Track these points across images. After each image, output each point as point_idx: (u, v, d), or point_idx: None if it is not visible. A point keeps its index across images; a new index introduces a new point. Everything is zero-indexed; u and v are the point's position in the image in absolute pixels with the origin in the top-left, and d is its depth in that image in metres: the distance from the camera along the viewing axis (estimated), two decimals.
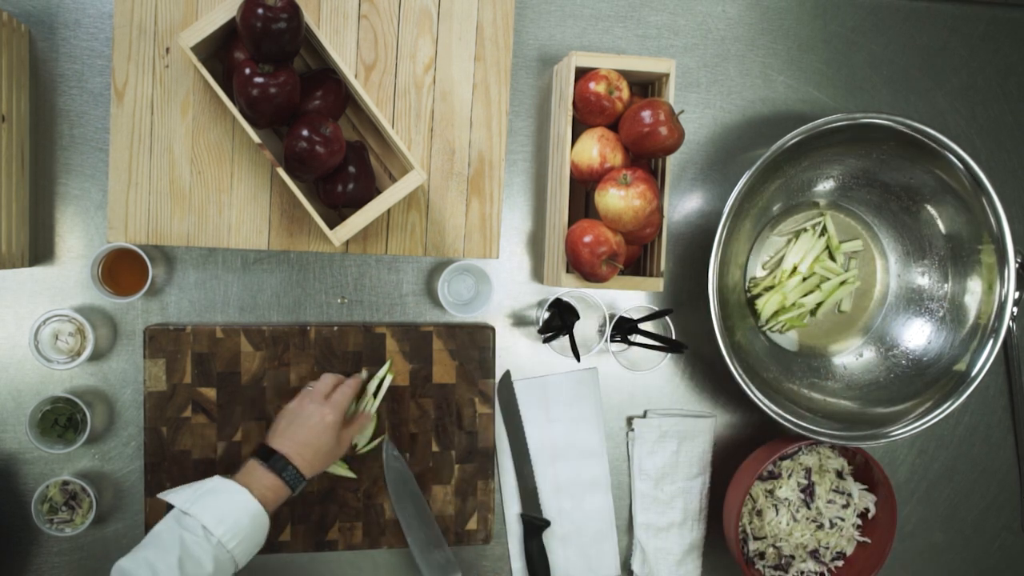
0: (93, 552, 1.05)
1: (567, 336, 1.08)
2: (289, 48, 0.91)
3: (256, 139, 0.95)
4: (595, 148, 1.02)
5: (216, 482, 0.87)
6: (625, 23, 1.14)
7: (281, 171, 0.96)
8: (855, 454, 1.13)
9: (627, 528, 1.15)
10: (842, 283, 1.17)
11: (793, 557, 1.12)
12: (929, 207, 1.13)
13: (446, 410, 1.09)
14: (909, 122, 1.03)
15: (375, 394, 1.04)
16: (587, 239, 1.00)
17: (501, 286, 1.12)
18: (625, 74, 1.04)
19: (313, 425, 0.94)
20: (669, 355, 1.12)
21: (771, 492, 1.12)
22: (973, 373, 1.07)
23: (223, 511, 0.84)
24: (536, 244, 1.13)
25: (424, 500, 1.08)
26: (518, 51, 1.11)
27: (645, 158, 1.06)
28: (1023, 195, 1.23)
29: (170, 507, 0.87)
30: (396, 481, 1.07)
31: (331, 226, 0.98)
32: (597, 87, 1.02)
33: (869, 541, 1.13)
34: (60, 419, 1.01)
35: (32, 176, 1.03)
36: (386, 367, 1.06)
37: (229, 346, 1.04)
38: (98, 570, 1.05)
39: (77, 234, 1.04)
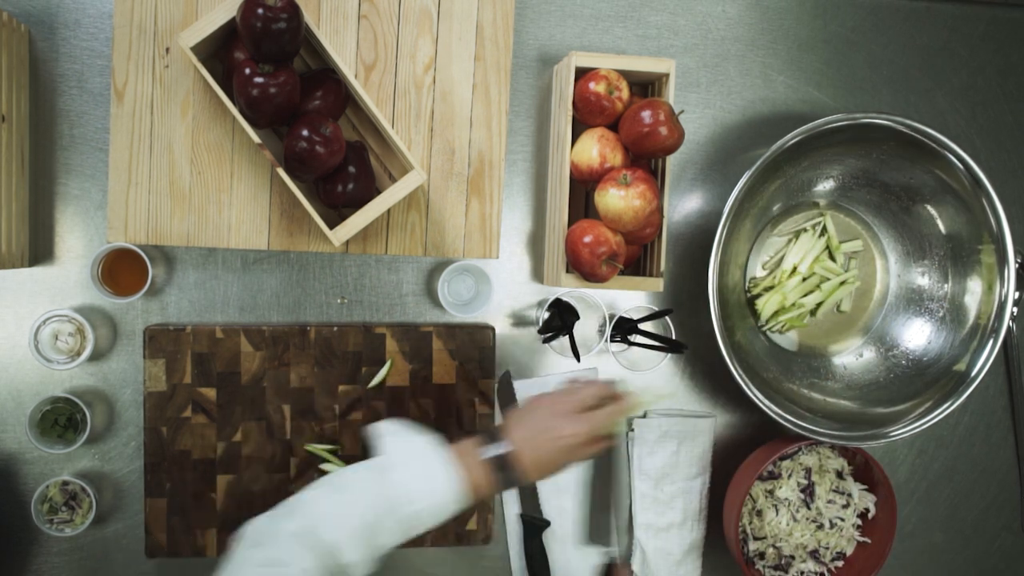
0: (93, 552, 1.05)
1: (567, 336, 1.08)
2: (289, 48, 0.91)
3: (256, 139, 0.95)
4: (595, 148, 1.02)
5: (434, 454, 0.78)
6: (625, 23, 1.14)
7: (281, 171, 0.96)
8: (855, 454, 1.13)
9: (627, 528, 1.15)
10: (842, 283, 1.17)
11: (793, 557, 1.12)
12: (929, 207, 1.13)
13: (446, 410, 1.09)
14: (909, 122, 1.03)
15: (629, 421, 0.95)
16: (587, 239, 1.00)
17: (501, 286, 1.12)
18: (625, 74, 1.04)
19: (556, 437, 0.81)
20: (669, 355, 1.12)
21: (771, 492, 1.12)
22: (973, 373, 1.07)
23: (430, 492, 0.76)
24: (536, 244, 1.13)
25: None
26: (518, 51, 1.11)
27: (645, 158, 1.06)
28: (1023, 195, 1.23)
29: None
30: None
31: (331, 226, 0.98)
32: (597, 87, 1.02)
33: (869, 541, 1.13)
34: (60, 419, 1.01)
35: (32, 176, 1.03)
36: (658, 394, 1.00)
37: (229, 346, 1.04)
38: (98, 570, 1.06)
39: (77, 234, 1.04)
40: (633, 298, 1.14)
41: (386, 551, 0.77)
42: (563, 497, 1.12)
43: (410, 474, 0.77)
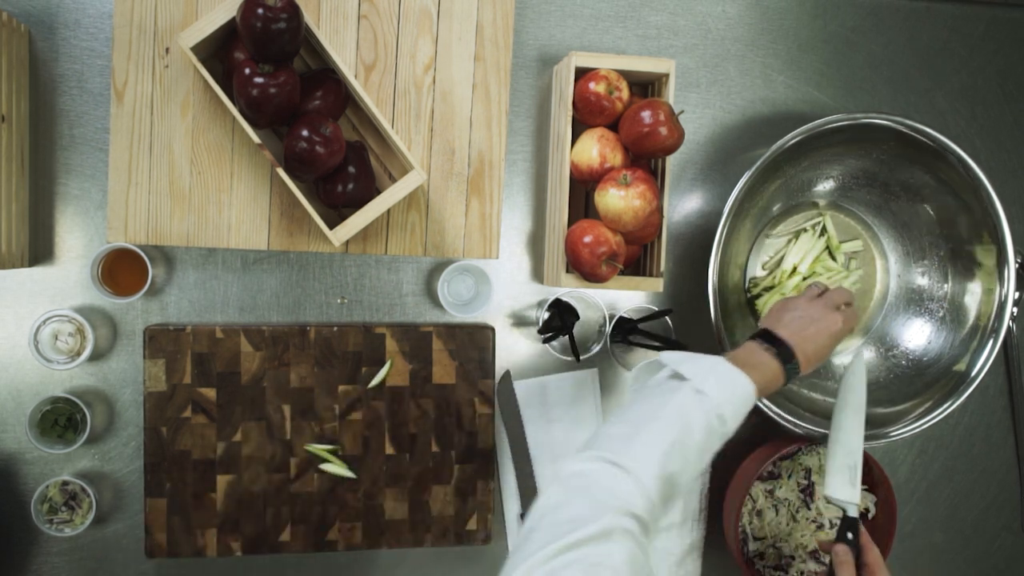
0: (93, 552, 1.05)
1: (567, 336, 1.08)
2: (289, 48, 0.91)
3: (256, 139, 0.95)
4: (595, 148, 1.02)
5: (722, 365, 0.82)
6: (625, 23, 1.14)
7: (281, 171, 0.96)
8: None
9: None
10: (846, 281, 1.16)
11: (793, 557, 1.12)
12: (929, 207, 1.13)
13: (446, 410, 1.09)
14: (909, 122, 1.03)
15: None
16: (587, 239, 1.00)
17: (501, 286, 1.12)
18: (625, 74, 1.04)
19: (824, 328, 0.91)
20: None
21: (771, 492, 1.12)
22: (973, 373, 1.07)
23: (735, 399, 0.80)
24: (536, 244, 1.13)
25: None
26: (518, 51, 1.11)
27: (645, 158, 1.06)
28: (1023, 195, 1.23)
29: None
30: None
31: (331, 226, 0.98)
32: (597, 87, 1.02)
33: None
34: (60, 419, 1.01)
35: (32, 176, 1.03)
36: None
37: (229, 346, 1.04)
38: (98, 570, 1.06)
39: (77, 234, 1.04)
40: (633, 298, 1.14)
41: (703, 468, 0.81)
42: None
43: (724, 394, 0.79)
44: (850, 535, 0.95)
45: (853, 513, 0.96)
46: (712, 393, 0.78)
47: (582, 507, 0.68)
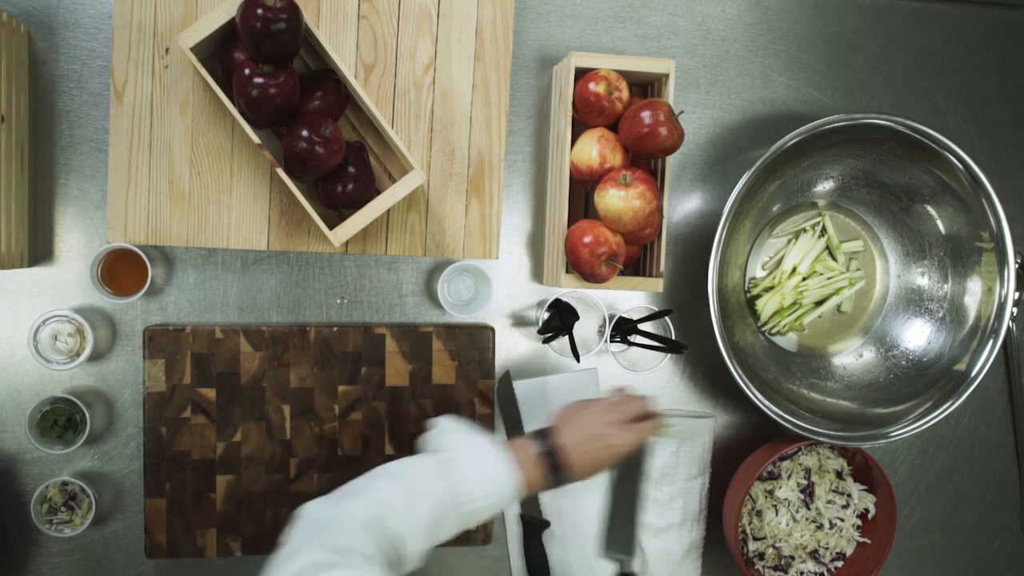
0: (92, 553, 1.05)
1: (567, 336, 1.08)
2: (289, 49, 0.91)
3: (256, 139, 0.95)
4: (595, 148, 1.02)
5: (494, 452, 0.82)
6: (625, 23, 1.14)
7: (280, 171, 0.96)
8: (855, 454, 1.13)
9: None
10: (848, 283, 1.16)
11: (793, 558, 1.12)
12: (929, 207, 1.13)
13: (446, 410, 1.09)
14: (909, 122, 1.03)
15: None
16: (587, 239, 1.00)
17: (501, 286, 1.12)
18: (625, 74, 1.04)
19: (604, 446, 0.87)
20: (669, 355, 1.12)
21: (771, 492, 1.12)
22: (973, 373, 1.07)
23: (492, 490, 0.80)
24: (536, 244, 1.13)
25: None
26: (518, 51, 1.11)
27: (645, 158, 1.06)
28: (1023, 195, 1.23)
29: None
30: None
31: (331, 226, 0.98)
32: (597, 87, 1.02)
33: (869, 541, 1.13)
34: (59, 419, 1.01)
35: (32, 176, 1.03)
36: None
37: (228, 347, 1.04)
38: (97, 570, 1.06)
39: (76, 234, 1.04)
40: (633, 298, 1.14)
41: (440, 543, 0.80)
42: (561, 500, 1.12)
43: (474, 472, 0.80)
44: None
45: (623, 569, 0.93)
46: (465, 479, 0.79)
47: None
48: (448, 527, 0.79)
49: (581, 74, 1.04)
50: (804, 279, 1.15)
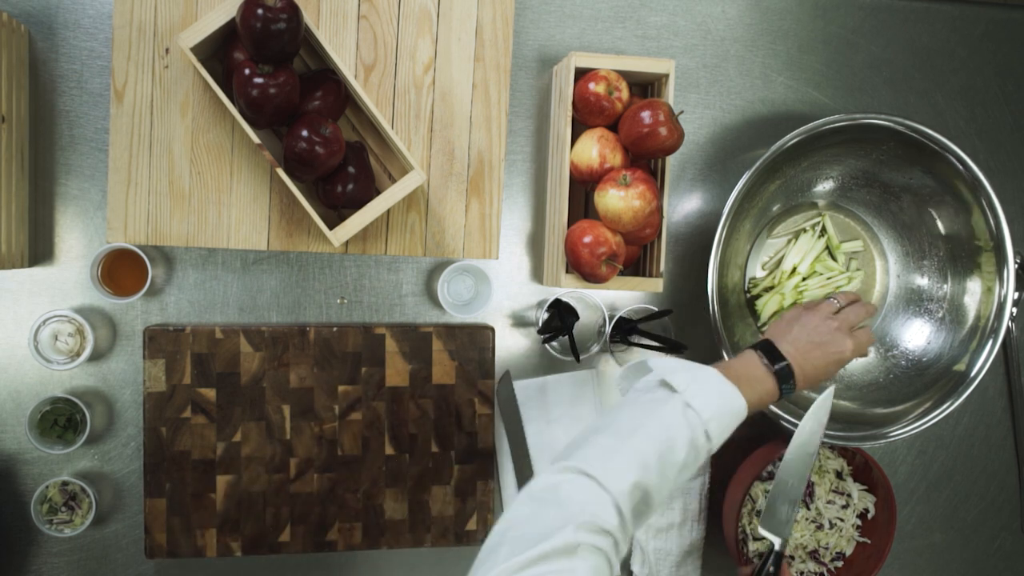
0: (92, 553, 1.05)
1: (567, 336, 1.08)
2: (289, 49, 0.91)
3: (255, 139, 0.95)
4: (595, 148, 1.02)
5: (715, 379, 0.79)
6: (625, 24, 1.14)
7: (280, 171, 0.96)
8: (854, 454, 1.13)
9: None
10: (848, 281, 1.16)
11: (793, 558, 1.12)
12: (929, 207, 1.13)
13: (445, 411, 1.09)
14: (908, 123, 1.03)
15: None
16: (587, 239, 1.00)
17: (501, 287, 1.12)
18: (625, 75, 1.04)
19: (832, 352, 0.87)
20: (669, 355, 1.12)
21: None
22: (973, 373, 1.07)
23: (724, 415, 0.77)
24: (536, 244, 1.13)
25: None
26: (518, 52, 1.11)
27: (645, 158, 1.06)
28: (1023, 195, 1.23)
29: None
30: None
31: (331, 226, 0.98)
32: (597, 87, 1.02)
33: (868, 541, 1.13)
34: (60, 420, 1.01)
35: (32, 176, 1.03)
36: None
37: (228, 347, 1.04)
38: (97, 571, 1.06)
39: (77, 234, 1.04)
40: (633, 298, 1.14)
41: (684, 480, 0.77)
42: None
43: (705, 402, 0.77)
44: (772, 569, 0.92)
45: (779, 548, 0.92)
46: (701, 409, 0.76)
47: (550, 521, 0.66)
48: (692, 467, 0.76)
49: (581, 74, 1.04)
50: (804, 279, 1.15)
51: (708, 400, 0.77)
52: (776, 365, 0.84)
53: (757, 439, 1.17)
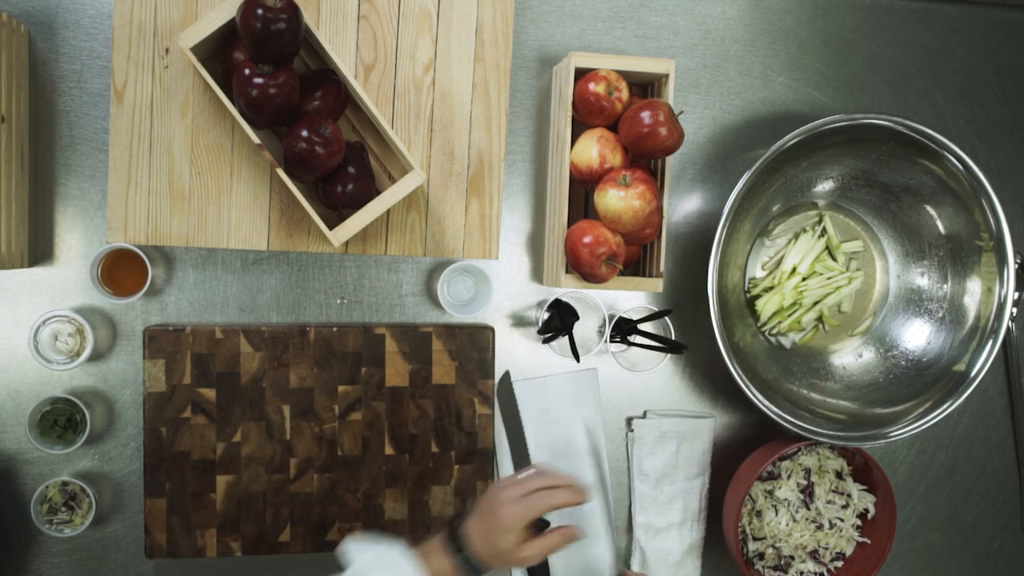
0: (92, 553, 1.05)
1: (567, 337, 1.08)
2: (289, 49, 0.91)
3: (255, 140, 0.95)
4: (594, 149, 1.02)
5: (389, 554, 0.83)
6: (624, 24, 1.14)
7: (280, 172, 0.96)
8: (854, 455, 1.13)
9: (626, 529, 1.15)
10: (848, 281, 1.16)
11: (792, 558, 1.12)
12: (929, 207, 1.13)
13: (445, 411, 1.09)
14: (908, 122, 1.03)
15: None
16: (586, 240, 1.00)
17: (500, 287, 1.12)
18: (625, 75, 1.04)
19: (499, 524, 0.84)
20: (668, 356, 1.12)
21: (770, 493, 1.12)
22: (972, 374, 1.07)
23: None
24: (535, 245, 1.13)
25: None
26: (517, 52, 1.12)
27: (644, 159, 1.06)
28: (1022, 195, 1.23)
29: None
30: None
31: (330, 227, 0.98)
32: (596, 88, 1.02)
33: (868, 542, 1.13)
34: (59, 420, 1.01)
35: (32, 176, 1.03)
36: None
37: (228, 347, 1.04)
38: (97, 571, 1.06)
39: (76, 235, 1.04)
40: (633, 298, 1.14)
41: None
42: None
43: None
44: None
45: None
46: None
47: None
48: None
49: (581, 74, 1.04)
50: (804, 279, 1.15)
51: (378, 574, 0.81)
52: (460, 554, 0.84)
53: (757, 439, 1.17)
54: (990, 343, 1.07)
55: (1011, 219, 1.06)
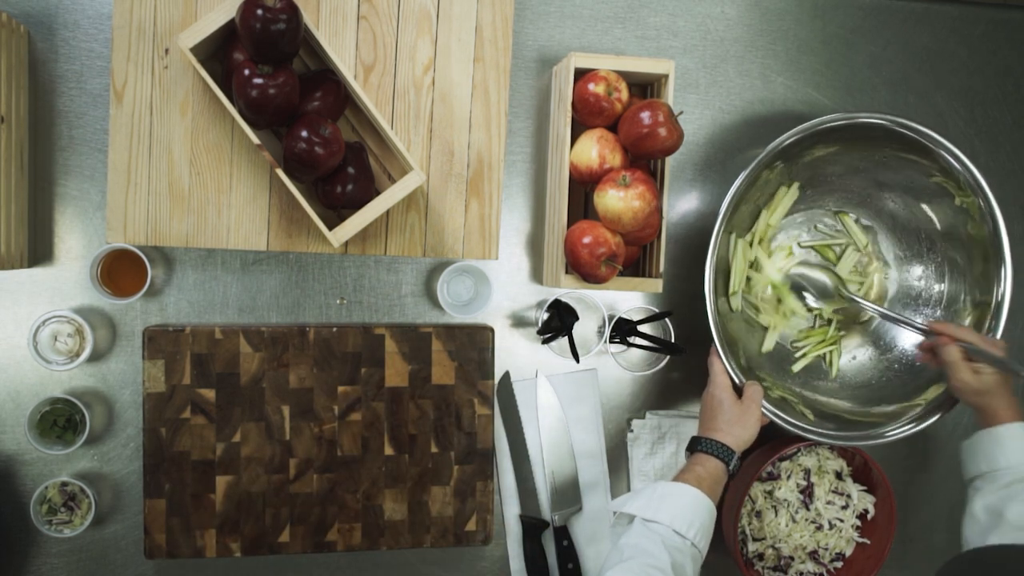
0: (92, 553, 1.05)
1: (566, 337, 1.08)
2: (288, 49, 0.91)
3: (255, 140, 0.95)
4: (594, 149, 1.02)
5: (666, 487, 0.91)
6: (624, 24, 1.14)
7: (280, 172, 0.96)
8: (854, 455, 1.13)
9: None
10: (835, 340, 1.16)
11: (792, 558, 1.12)
12: (927, 208, 1.13)
13: (445, 411, 1.09)
14: (907, 122, 1.03)
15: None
16: (586, 240, 1.00)
17: (500, 287, 1.12)
18: (624, 75, 1.04)
19: (751, 424, 0.99)
20: (668, 357, 1.12)
21: (770, 493, 1.12)
22: None
23: (687, 512, 0.89)
24: (535, 245, 1.13)
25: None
26: (517, 52, 1.12)
27: (644, 159, 1.06)
28: (1021, 195, 1.23)
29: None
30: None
31: (330, 227, 0.98)
32: (596, 88, 1.02)
33: (868, 542, 1.13)
34: (59, 420, 1.01)
35: (31, 177, 1.03)
36: None
37: (228, 347, 1.04)
38: (97, 571, 1.06)
39: (76, 235, 1.04)
40: (632, 299, 1.14)
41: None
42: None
43: (666, 512, 0.89)
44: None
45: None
46: (661, 517, 0.88)
47: None
48: (695, 564, 0.89)
49: (581, 74, 1.04)
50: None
51: (663, 507, 0.89)
52: (719, 452, 0.96)
53: (757, 440, 1.17)
54: None
55: (1009, 219, 1.06)
